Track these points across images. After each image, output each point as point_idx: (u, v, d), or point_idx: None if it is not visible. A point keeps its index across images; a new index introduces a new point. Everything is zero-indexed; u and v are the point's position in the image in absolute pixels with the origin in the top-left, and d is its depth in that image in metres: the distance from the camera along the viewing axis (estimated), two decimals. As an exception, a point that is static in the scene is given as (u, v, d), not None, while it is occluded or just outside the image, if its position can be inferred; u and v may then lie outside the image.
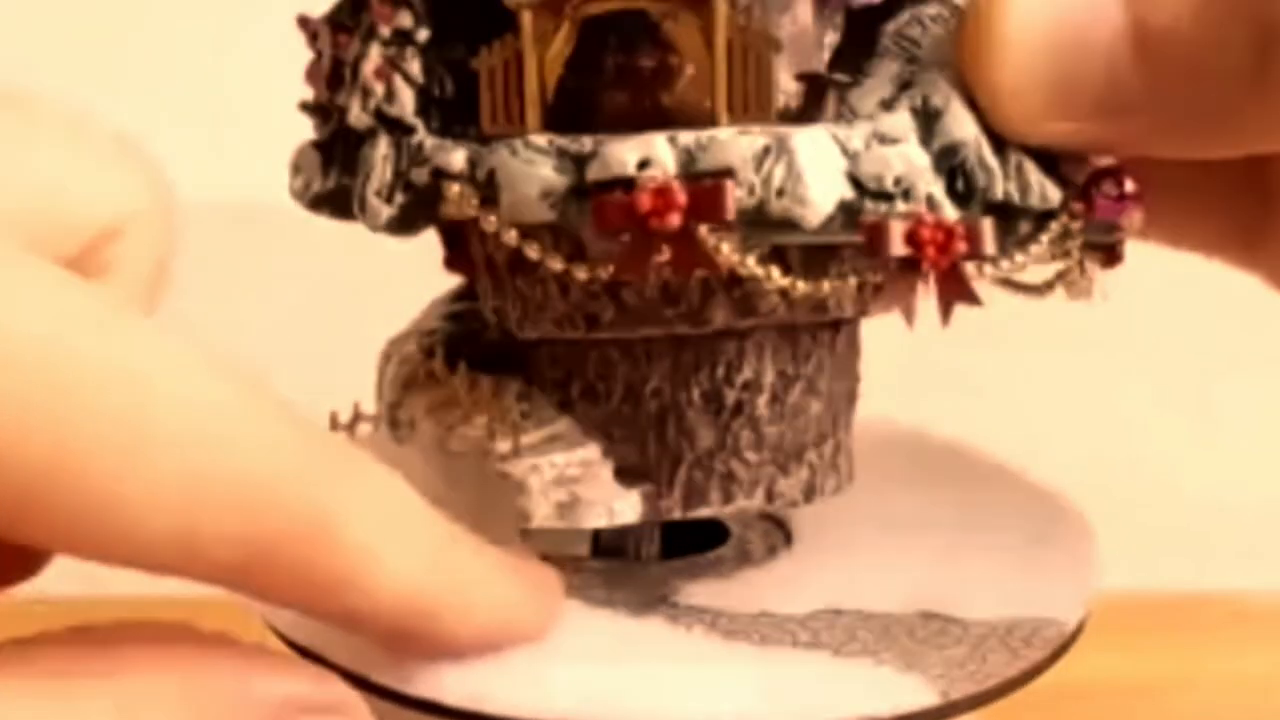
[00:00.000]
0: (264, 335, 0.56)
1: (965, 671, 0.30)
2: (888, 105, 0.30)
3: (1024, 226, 0.30)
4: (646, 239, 0.28)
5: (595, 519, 0.32)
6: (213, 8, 0.39)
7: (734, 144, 0.28)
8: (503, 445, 0.32)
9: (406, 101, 0.31)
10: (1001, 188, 0.29)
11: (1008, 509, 0.35)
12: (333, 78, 0.32)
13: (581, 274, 0.29)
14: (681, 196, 0.28)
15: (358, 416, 0.35)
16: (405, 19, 0.31)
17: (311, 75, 0.33)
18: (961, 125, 0.29)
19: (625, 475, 0.32)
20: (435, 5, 0.31)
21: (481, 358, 0.34)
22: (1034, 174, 0.30)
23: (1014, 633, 0.31)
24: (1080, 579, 0.32)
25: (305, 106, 0.33)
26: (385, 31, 0.31)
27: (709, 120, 0.30)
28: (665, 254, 0.28)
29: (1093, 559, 0.33)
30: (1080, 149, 0.30)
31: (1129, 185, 0.30)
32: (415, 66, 0.31)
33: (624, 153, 0.29)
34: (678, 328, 0.31)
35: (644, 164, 0.28)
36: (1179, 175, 0.31)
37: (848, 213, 0.29)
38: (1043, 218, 0.30)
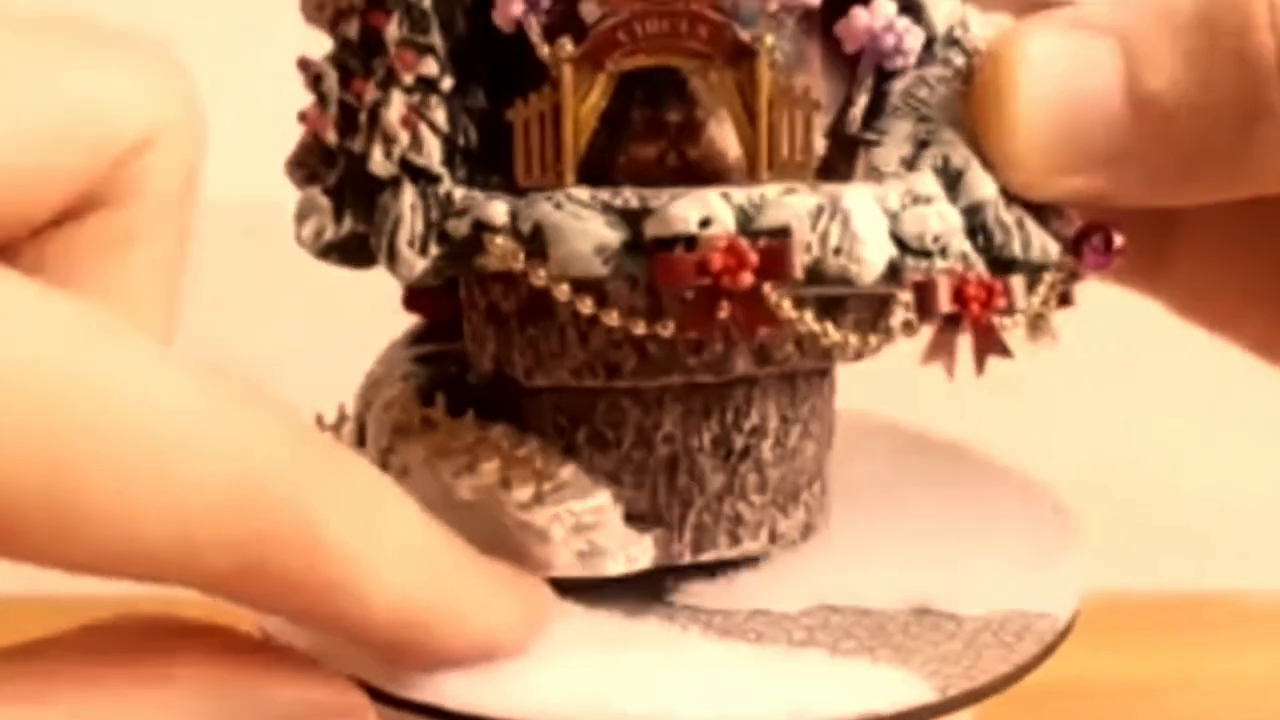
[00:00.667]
0: (267, 335, 0.54)
1: (960, 668, 0.31)
2: (909, 163, 0.31)
3: (1023, 279, 0.32)
4: (713, 296, 0.29)
5: (615, 566, 0.32)
6: (212, 8, 0.38)
7: (790, 203, 0.29)
8: (522, 493, 0.32)
9: (433, 150, 0.31)
10: (1013, 244, 0.31)
11: (999, 506, 0.36)
12: (344, 122, 0.32)
13: (639, 328, 0.30)
14: (753, 255, 0.28)
15: (343, 418, 0.35)
16: (429, 66, 0.31)
17: (316, 119, 0.32)
18: (982, 185, 0.31)
19: (634, 521, 0.33)
20: (455, 53, 0.31)
21: (471, 403, 0.34)
22: (1035, 230, 0.31)
23: (1007, 627, 0.32)
24: (1071, 574, 0.33)
25: (309, 149, 0.32)
26: (408, 79, 0.31)
27: (737, 175, 0.31)
28: (727, 310, 0.29)
29: (1082, 554, 0.34)
30: (1084, 203, 0.31)
31: (1117, 240, 0.32)
32: (440, 115, 0.31)
33: (684, 210, 0.29)
34: (699, 376, 0.32)
35: (705, 222, 0.29)
36: None
37: (892, 270, 0.30)
38: (1036, 270, 0.32)
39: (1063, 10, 0.31)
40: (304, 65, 0.33)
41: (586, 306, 0.30)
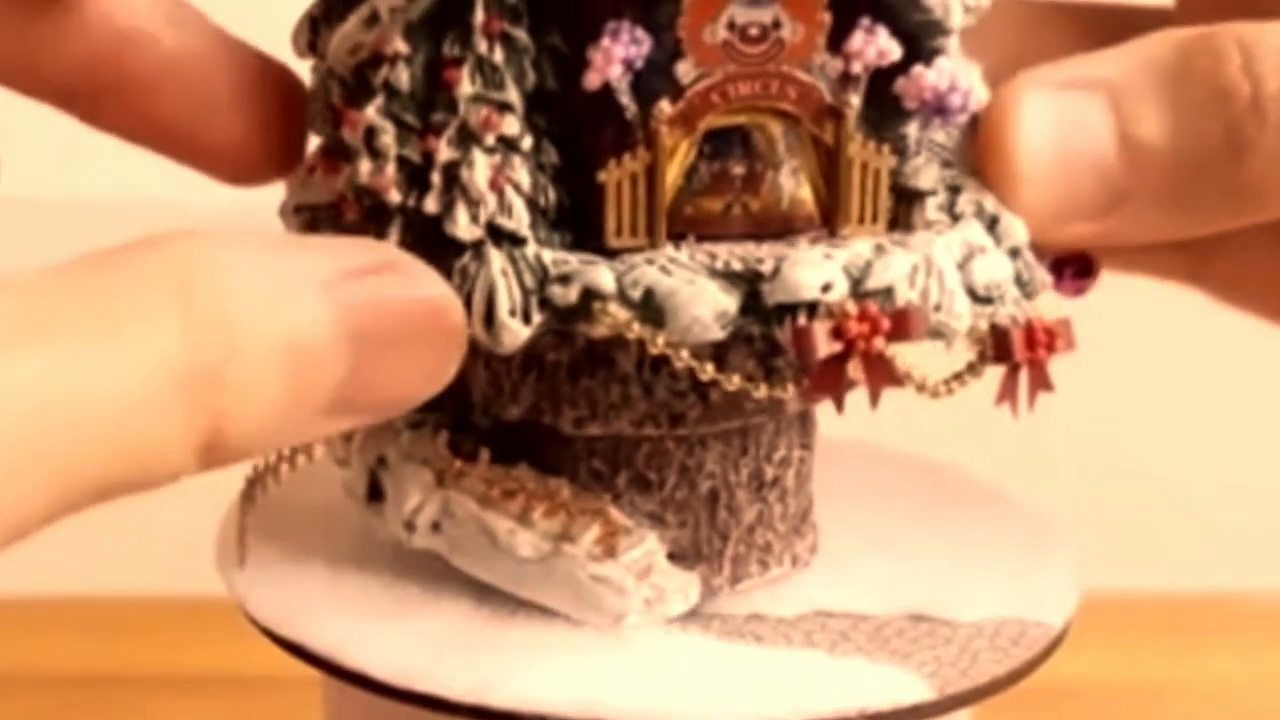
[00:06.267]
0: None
1: (958, 669, 0.32)
2: (948, 210, 0.33)
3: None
4: (843, 359, 0.30)
5: (675, 608, 0.33)
6: (212, 9, 0.35)
7: (893, 263, 0.30)
8: (588, 546, 0.32)
9: (520, 213, 0.30)
10: (1036, 281, 0.33)
11: (988, 522, 0.38)
12: (412, 180, 0.30)
13: (760, 392, 0.30)
14: (885, 321, 0.30)
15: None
16: (510, 125, 0.30)
17: (372, 175, 0.30)
18: (1017, 229, 0.33)
19: (675, 559, 0.33)
20: (527, 109, 0.31)
21: (484, 447, 0.34)
22: (1035, 261, 0.34)
23: (1002, 633, 0.33)
24: (1064, 584, 0.35)
25: (376, 207, 0.31)
26: (489, 139, 0.30)
27: (802, 225, 0.32)
28: (858, 372, 0.30)
29: (1074, 566, 0.36)
30: (1091, 246, 0.34)
31: (1094, 267, 0.35)
32: (524, 175, 0.30)
33: (807, 276, 0.30)
34: (755, 419, 0.33)
35: (825, 287, 0.30)
36: None
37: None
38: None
39: (1053, 69, 0.33)
40: (335, 112, 0.31)
41: (707, 372, 0.30)
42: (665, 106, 0.30)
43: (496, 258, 0.30)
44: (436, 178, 0.30)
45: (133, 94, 0.34)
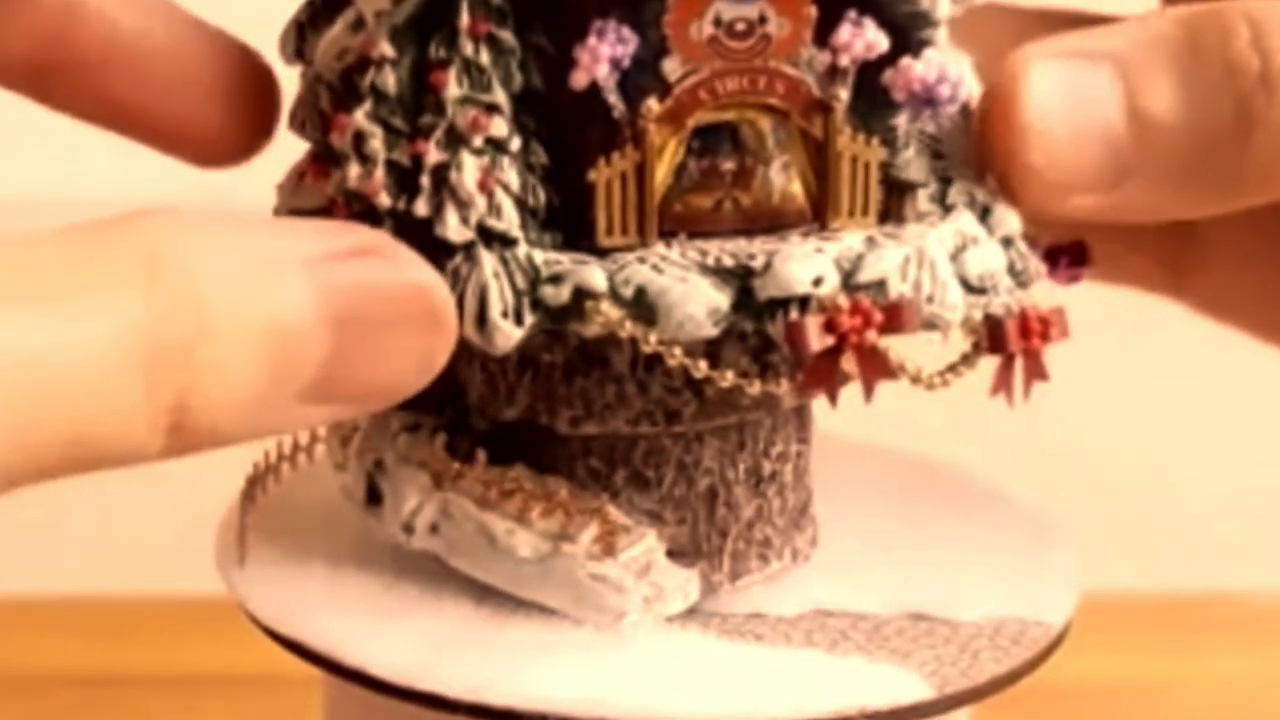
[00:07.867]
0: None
1: (958, 669, 0.32)
2: (939, 199, 0.32)
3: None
4: (835, 353, 0.30)
5: (675, 605, 0.33)
6: (209, 9, 0.35)
7: (885, 255, 0.30)
8: (587, 545, 0.32)
9: (510, 214, 0.30)
10: (1029, 269, 0.33)
11: (987, 521, 0.38)
12: (402, 184, 0.30)
13: (754, 388, 0.30)
14: (878, 314, 0.30)
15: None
16: (499, 127, 0.30)
17: (362, 180, 0.30)
18: (1009, 219, 0.32)
19: (675, 556, 0.33)
20: (515, 110, 0.30)
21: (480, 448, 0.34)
22: (1029, 251, 0.34)
23: (1002, 632, 0.33)
24: (1064, 584, 0.35)
25: (365, 211, 0.31)
26: (477, 140, 0.30)
27: (792, 219, 0.31)
28: (851, 366, 0.30)
29: (1074, 566, 0.36)
30: (1093, 221, 0.34)
31: (1088, 255, 0.35)
32: (512, 176, 0.30)
33: (798, 270, 0.30)
34: (751, 415, 0.33)
35: (817, 281, 0.30)
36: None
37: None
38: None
39: (1059, 39, 0.33)
40: (323, 116, 0.31)
41: (701, 369, 0.30)
42: (653, 104, 0.30)
43: (487, 259, 0.30)
44: (426, 180, 0.30)
45: (82, 72, 0.34)
